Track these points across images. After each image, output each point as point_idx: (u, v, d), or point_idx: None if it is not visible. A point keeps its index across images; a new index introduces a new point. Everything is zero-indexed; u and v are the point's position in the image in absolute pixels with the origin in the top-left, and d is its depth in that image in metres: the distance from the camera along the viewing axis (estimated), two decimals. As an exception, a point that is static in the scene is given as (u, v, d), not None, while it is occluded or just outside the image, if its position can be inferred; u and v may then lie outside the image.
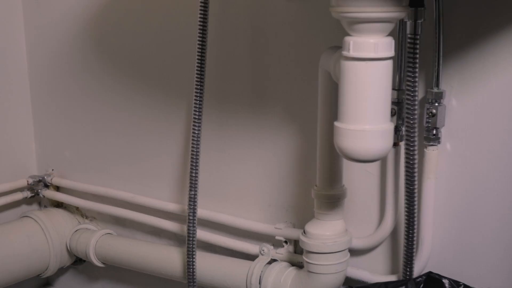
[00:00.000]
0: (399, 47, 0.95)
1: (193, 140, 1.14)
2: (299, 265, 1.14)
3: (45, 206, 1.65)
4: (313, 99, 1.05)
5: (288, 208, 1.19)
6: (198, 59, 1.09)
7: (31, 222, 1.51)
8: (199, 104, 1.12)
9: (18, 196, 1.57)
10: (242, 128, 1.22)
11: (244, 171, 1.24)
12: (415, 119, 0.90)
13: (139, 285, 1.51)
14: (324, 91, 0.96)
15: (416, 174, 0.93)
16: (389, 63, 0.79)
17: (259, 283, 1.12)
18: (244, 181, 1.24)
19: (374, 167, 1.06)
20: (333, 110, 0.92)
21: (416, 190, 0.95)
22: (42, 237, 1.49)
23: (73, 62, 1.49)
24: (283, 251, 1.17)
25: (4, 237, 1.43)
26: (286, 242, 1.17)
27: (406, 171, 0.93)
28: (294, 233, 1.15)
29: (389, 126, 0.81)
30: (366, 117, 0.79)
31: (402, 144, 0.98)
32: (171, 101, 1.32)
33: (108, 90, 1.44)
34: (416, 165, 0.92)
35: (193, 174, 1.16)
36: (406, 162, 0.93)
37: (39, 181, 1.59)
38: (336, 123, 0.82)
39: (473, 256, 1.01)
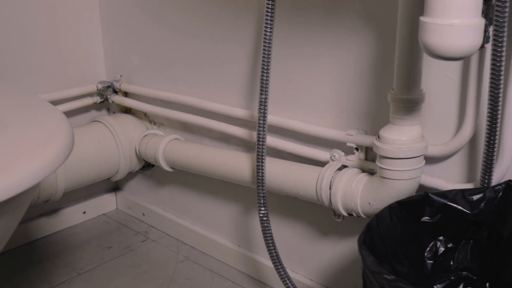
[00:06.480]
0: None
1: (264, 42, 1.11)
2: (370, 173, 1.12)
3: (114, 112, 1.67)
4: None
5: (361, 115, 1.16)
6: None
7: (101, 126, 1.54)
8: (272, 4, 1.08)
9: (88, 101, 1.60)
10: (314, 30, 1.17)
11: (316, 76, 1.20)
12: (505, 17, 0.84)
13: (206, 190, 1.53)
14: (407, -14, 0.90)
15: (502, 78, 0.88)
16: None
17: (330, 188, 1.11)
18: (315, 86, 1.21)
19: (455, 72, 1.01)
20: (415, 7, 0.87)
21: (501, 95, 0.90)
22: (112, 141, 1.52)
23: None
24: (354, 158, 1.15)
25: (76, 140, 1.46)
26: (357, 149, 1.15)
27: (492, 73, 0.88)
28: (366, 140, 1.12)
29: (480, 21, 0.76)
30: (456, 10, 0.75)
31: (488, 46, 0.93)
32: (242, 2, 1.28)
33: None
34: (503, 68, 0.87)
35: (264, 78, 1.13)
36: (492, 64, 0.88)
37: (108, 86, 1.61)
38: (422, 18, 0.78)
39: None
